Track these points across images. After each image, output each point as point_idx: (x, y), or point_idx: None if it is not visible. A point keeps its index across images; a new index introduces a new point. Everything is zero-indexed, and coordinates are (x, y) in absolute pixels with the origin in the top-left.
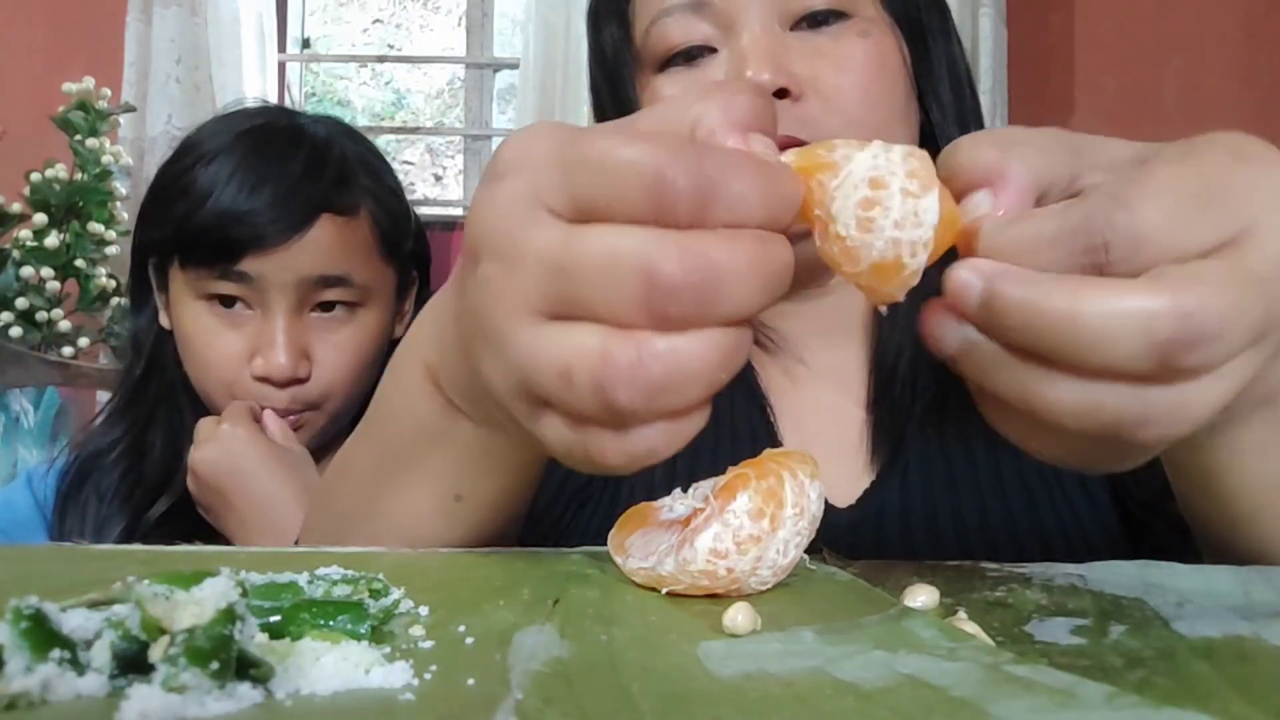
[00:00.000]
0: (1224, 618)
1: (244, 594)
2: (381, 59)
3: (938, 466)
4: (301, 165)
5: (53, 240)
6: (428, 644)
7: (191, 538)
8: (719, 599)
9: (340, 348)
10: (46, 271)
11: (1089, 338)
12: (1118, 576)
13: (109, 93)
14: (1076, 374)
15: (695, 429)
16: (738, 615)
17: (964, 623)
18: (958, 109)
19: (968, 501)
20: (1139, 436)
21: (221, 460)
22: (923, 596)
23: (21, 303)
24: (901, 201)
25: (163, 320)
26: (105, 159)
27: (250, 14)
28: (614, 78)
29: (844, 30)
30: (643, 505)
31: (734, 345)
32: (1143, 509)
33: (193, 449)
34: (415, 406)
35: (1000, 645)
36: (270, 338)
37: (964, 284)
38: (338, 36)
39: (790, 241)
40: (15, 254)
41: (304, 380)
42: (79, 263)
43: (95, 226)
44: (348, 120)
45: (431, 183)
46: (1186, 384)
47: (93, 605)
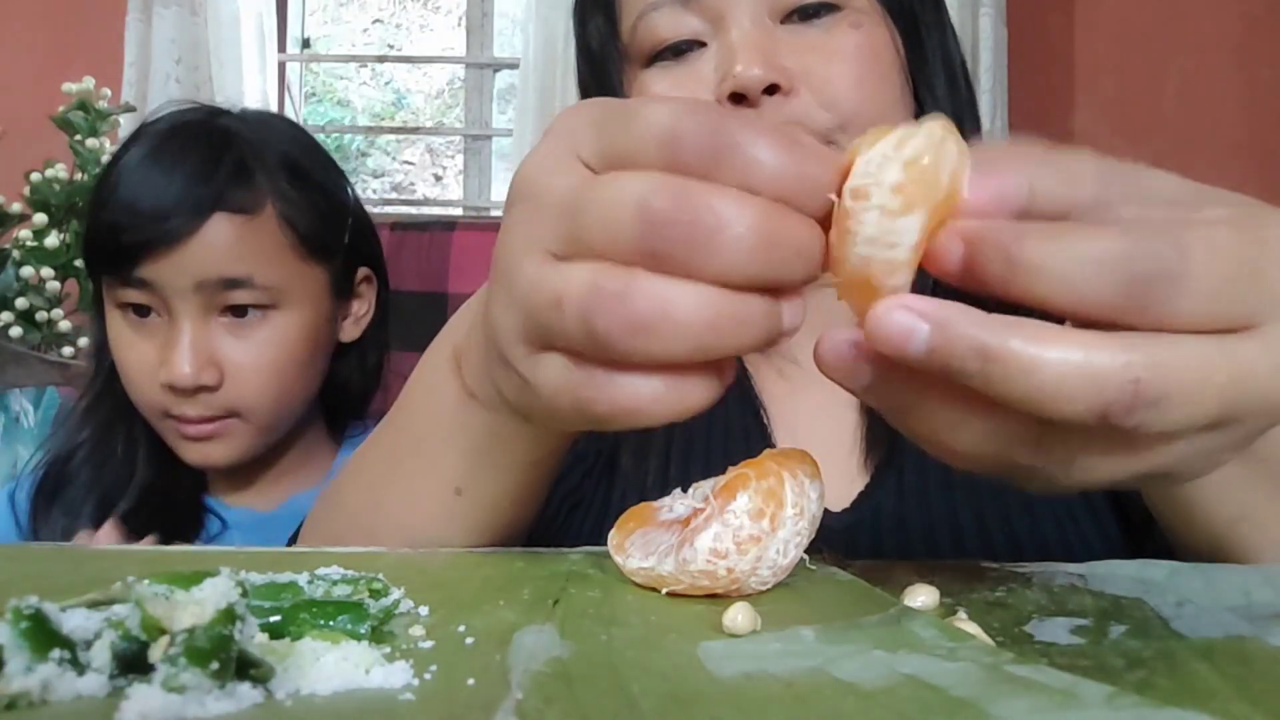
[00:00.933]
0: (1224, 618)
1: (244, 594)
2: (381, 59)
3: (933, 469)
4: (195, 165)
5: (53, 240)
6: (428, 644)
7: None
8: (719, 599)
9: (254, 353)
10: (46, 271)
11: (1048, 386)
12: (1118, 576)
13: (109, 93)
14: (987, 417)
15: (689, 400)
16: (738, 615)
17: (964, 623)
18: (952, 101)
19: (964, 505)
20: (1033, 487)
21: None
22: (923, 596)
23: (21, 303)
24: (877, 219)
25: None
26: (105, 159)
27: (250, 14)
28: (600, 73)
29: (835, 22)
30: (642, 505)
31: (728, 310)
32: (1143, 515)
33: None
34: (434, 393)
35: (1000, 645)
36: (173, 345)
37: (906, 329)
38: (338, 36)
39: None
40: (15, 254)
41: (213, 388)
42: (79, 263)
43: None
44: (347, 121)
45: (431, 183)
46: (1159, 454)
47: (93, 605)
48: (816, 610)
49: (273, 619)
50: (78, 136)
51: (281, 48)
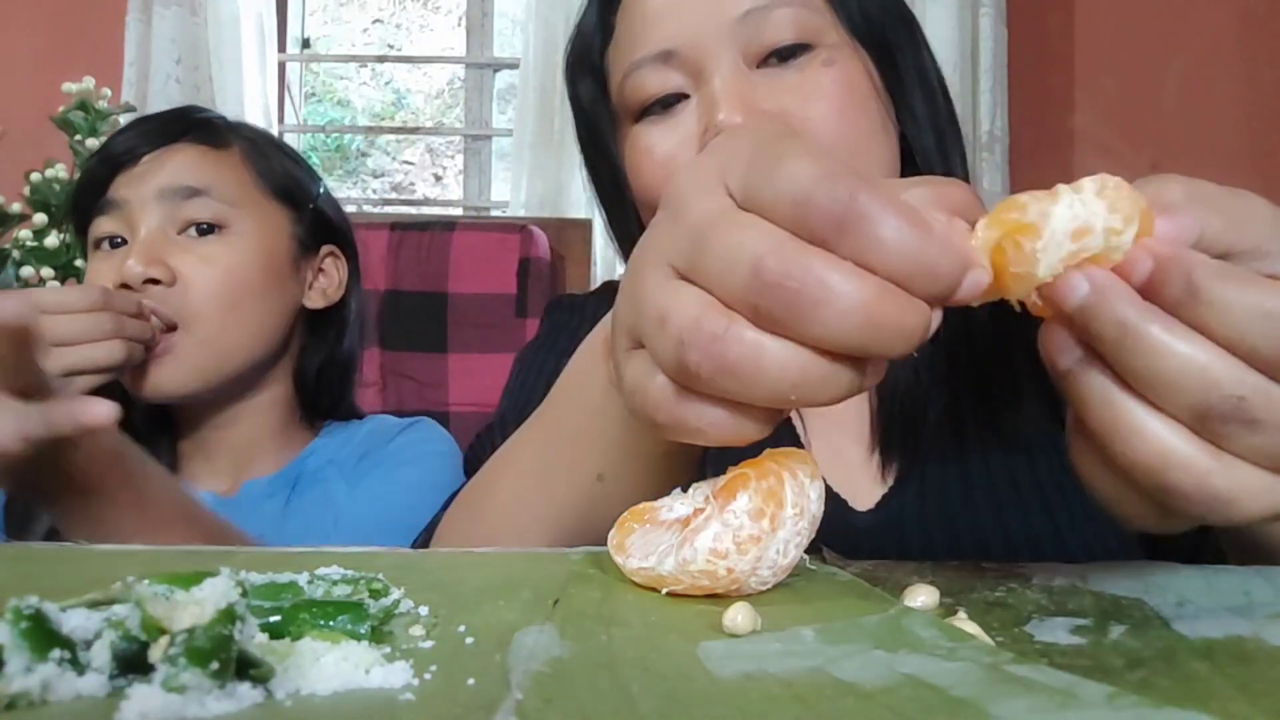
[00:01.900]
0: (1224, 618)
1: (244, 594)
2: (381, 59)
3: (954, 473)
4: (169, 115)
5: (53, 240)
6: (428, 644)
7: None
8: (719, 599)
9: (208, 260)
10: (46, 271)
11: (1169, 372)
12: (1118, 576)
13: (109, 93)
14: (1162, 417)
15: (745, 433)
16: (738, 615)
17: (964, 623)
18: (932, 118)
19: (985, 508)
20: (1188, 508)
21: None
22: (923, 596)
23: None
24: (1104, 239)
25: None
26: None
27: (250, 14)
28: (593, 131)
29: (809, 61)
30: (643, 505)
31: (815, 372)
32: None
33: None
34: (585, 381)
35: (1000, 645)
36: (130, 251)
37: (1072, 284)
38: (338, 36)
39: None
40: (15, 254)
41: (164, 285)
42: (79, 263)
43: None
44: (347, 121)
45: (431, 183)
46: (1238, 471)
47: (93, 605)
48: (816, 610)
49: (273, 619)
50: (78, 136)
51: (281, 48)
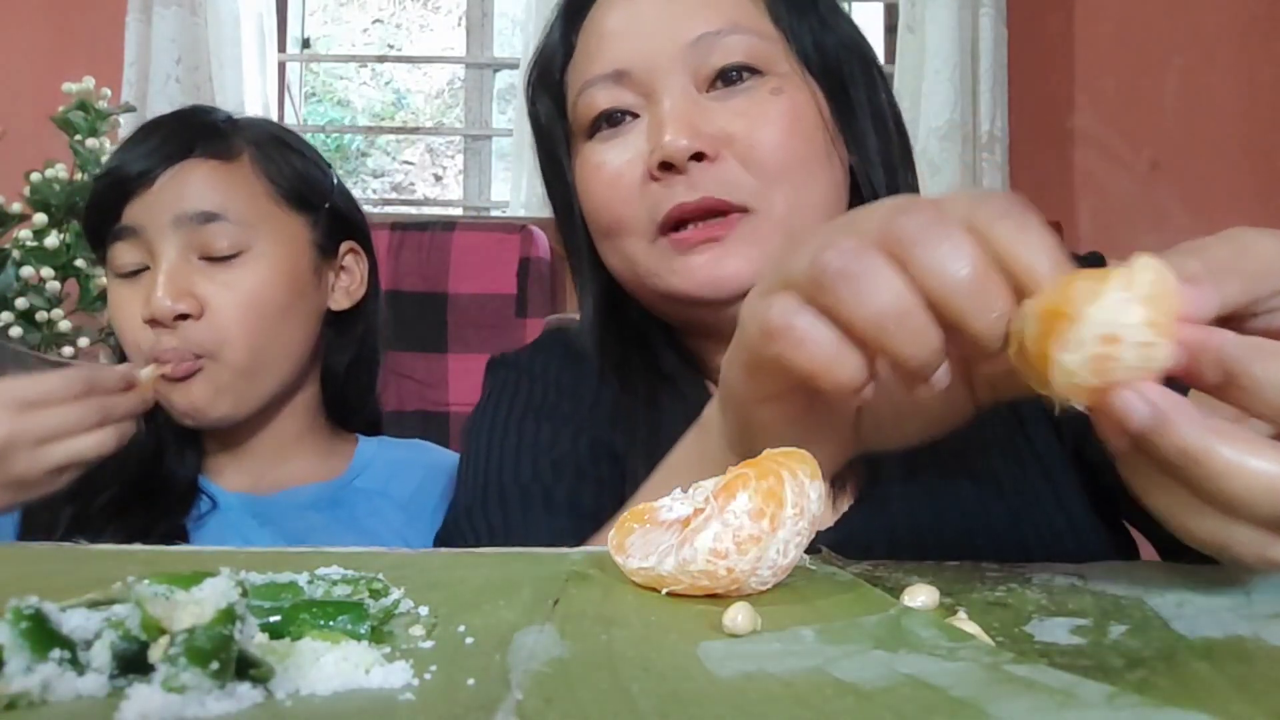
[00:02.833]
0: (1224, 618)
1: (244, 594)
2: (381, 59)
3: (915, 491)
4: (171, 125)
5: (53, 240)
6: (428, 644)
7: (139, 530)
8: (719, 599)
9: (232, 286)
10: (46, 271)
11: (1238, 493)
12: (1118, 576)
13: (109, 93)
14: (1217, 510)
15: (840, 363)
16: (738, 615)
17: (964, 623)
18: (883, 152)
19: (949, 525)
20: (1258, 568)
21: None
22: (923, 596)
23: (21, 303)
24: (1135, 351)
25: None
26: (105, 159)
27: (250, 14)
28: (549, 146)
29: (757, 87)
30: (643, 505)
31: (913, 322)
32: (1140, 518)
33: None
34: (705, 445)
35: (1000, 645)
36: (153, 283)
37: (1132, 405)
38: (338, 36)
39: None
40: (15, 254)
41: (193, 318)
42: (79, 263)
43: None
44: (347, 121)
45: (431, 183)
46: None
47: (93, 605)
48: (816, 610)
49: (273, 619)
50: (78, 136)
51: (281, 48)
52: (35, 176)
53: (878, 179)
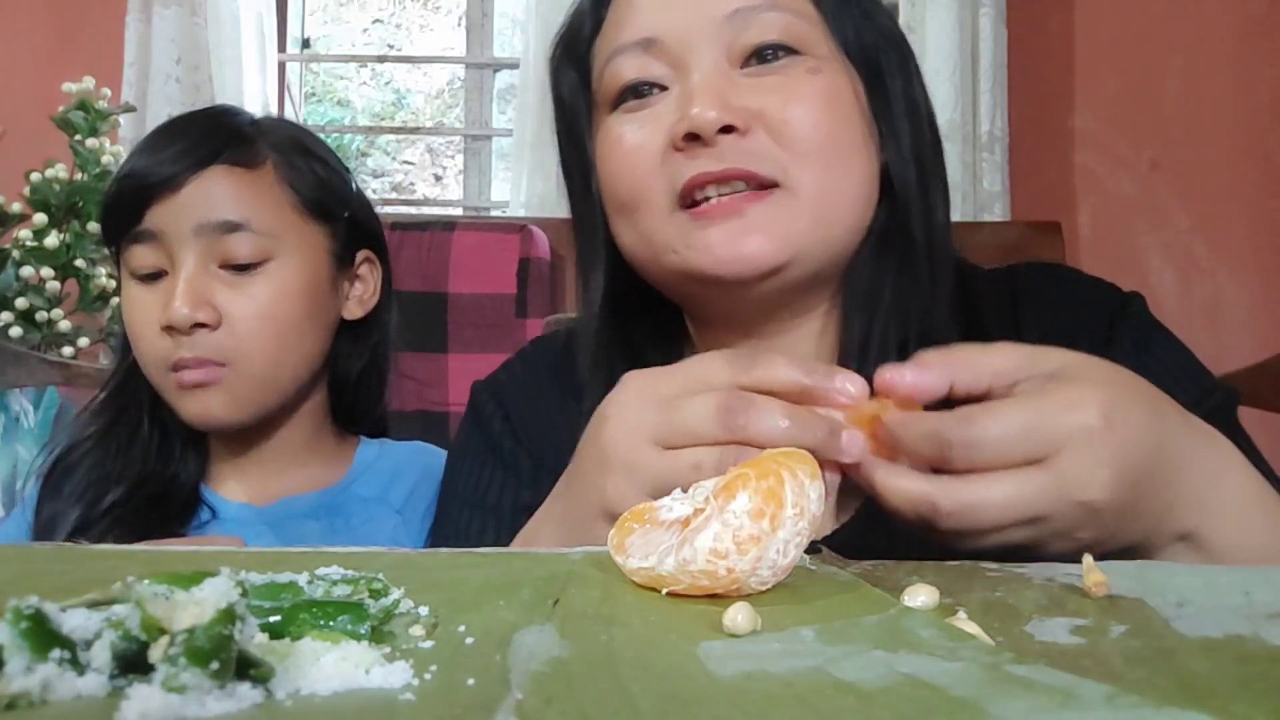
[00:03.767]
0: (1224, 618)
1: (244, 594)
2: (381, 59)
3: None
4: (197, 130)
5: (53, 240)
6: (428, 644)
7: (139, 537)
8: (719, 599)
9: (251, 297)
10: (46, 271)
11: (890, 503)
12: (1118, 576)
13: (109, 93)
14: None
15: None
16: (738, 615)
17: (964, 623)
18: (915, 147)
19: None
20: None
21: None
22: (923, 596)
23: (21, 303)
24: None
25: None
26: (105, 159)
27: (250, 14)
28: (570, 122)
29: (793, 65)
30: (643, 505)
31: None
32: None
33: None
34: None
35: (1000, 645)
36: (173, 289)
37: (844, 450)
38: (338, 36)
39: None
40: (15, 254)
41: (210, 327)
42: (79, 263)
43: (95, 226)
44: (347, 121)
45: (431, 183)
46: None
47: (93, 605)
48: (816, 610)
49: (273, 619)
50: (78, 136)
51: (281, 48)
52: (35, 176)
53: (909, 175)
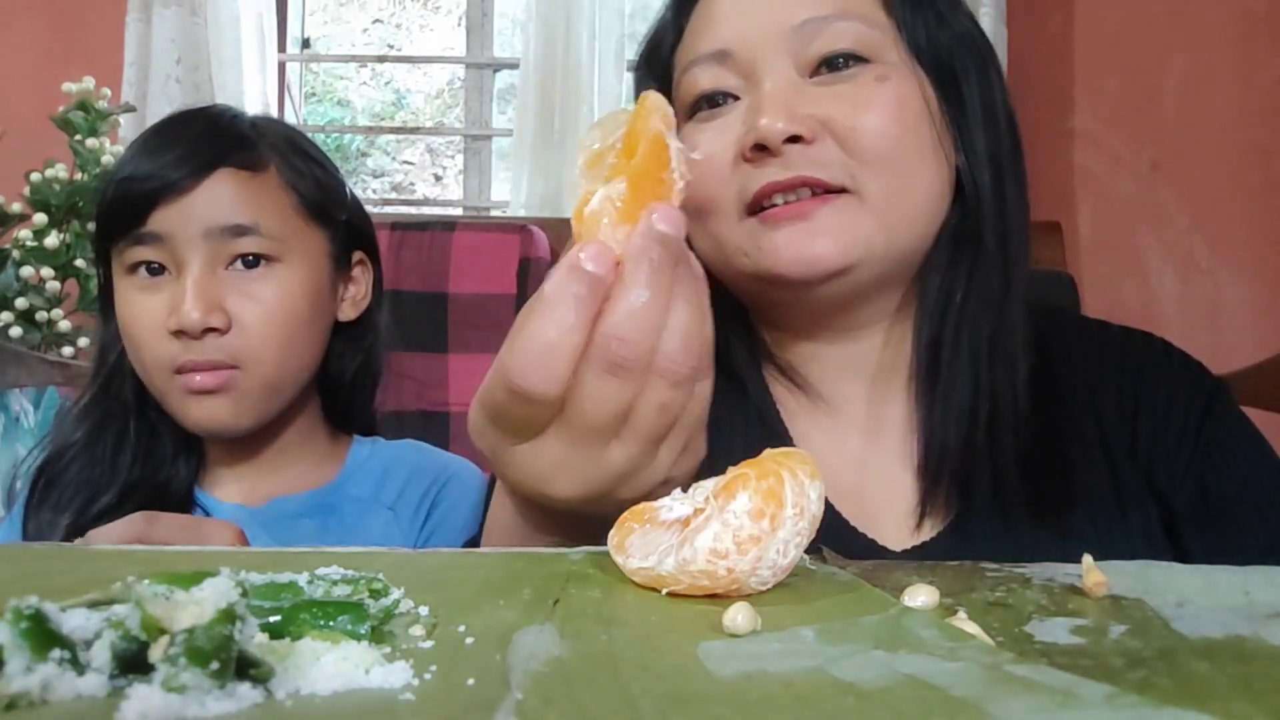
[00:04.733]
0: (1224, 618)
1: (244, 594)
2: (381, 59)
3: (1002, 535)
4: (200, 131)
5: (53, 240)
6: (428, 644)
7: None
8: (719, 599)
9: (260, 300)
10: (46, 271)
11: None
12: (1118, 576)
13: (109, 93)
14: None
15: None
16: (738, 615)
17: (964, 623)
18: (992, 153)
19: None
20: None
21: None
22: (923, 596)
23: (21, 303)
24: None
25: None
26: (105, 159)
27: (250, 14)
28: None
29: (862, 73)
30: (642, 505)
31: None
32: None
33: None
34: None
35: (1000, 645)
36: (182, 293)
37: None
38: (338, 36)
39: None
40: (15, 254)
41: (221, 331)
42: (79, 263)
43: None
44: (347, 121)
45: (431, 183)
46: None
47: (93, 605)
48: (816, 610)
49: (273, 619)
50: (78, 136)
51: (281, 48)
52: (35, 176)
53: (983, 180)
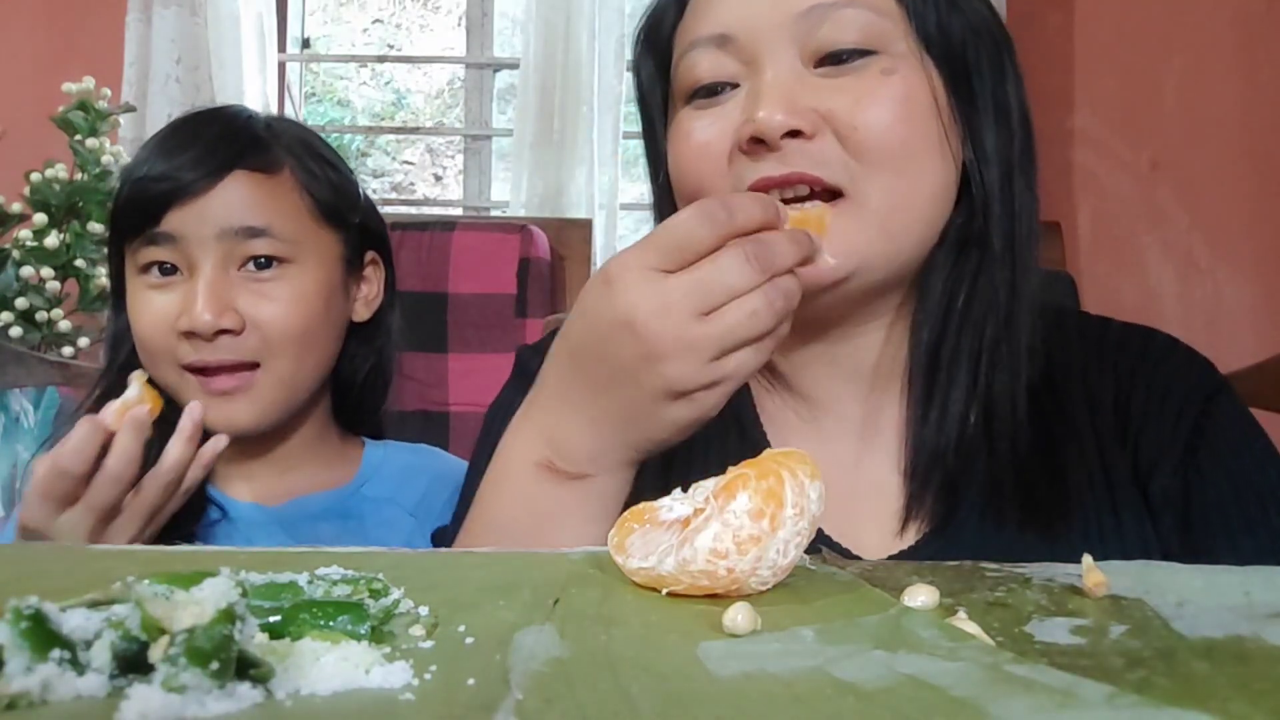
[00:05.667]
0: (1224, 618)
1: (244, 594)
2: (381, 59)
3: (992, 537)
4: (215, 133)
5: (53, 240)
6: (428, 644)
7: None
8: (719, 599)
9: (273, 300)
10: (46, 271)
11: None
12: (1118, 576)
13: (109, 93)
14: None
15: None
16: (738, 615)
17: (964, 623)
18: (1002, 150)
19: None
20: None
21: None
22: (923, 596)
23: (21, 303)
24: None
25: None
26: (105, 159)
27: (250, 14)
28: (645, 110)
29: (867, 66)
30: (643, 505)
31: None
32: None
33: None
34: (534, 503)
35: (1000, 645)
36: (194, 294)
37: None
38: (338, 36)
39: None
40: (15, 254)
41: (235, 333)
42: (79, 263)
43: (95, 226)
44: (347, 121)
45: (431, 183)
46: None
47: (93, 605)
48: (816, 610)
49: (273, 619)
50: (78, 136)
51: (281, 48)
52: (35, 176)
53: (991, 178)
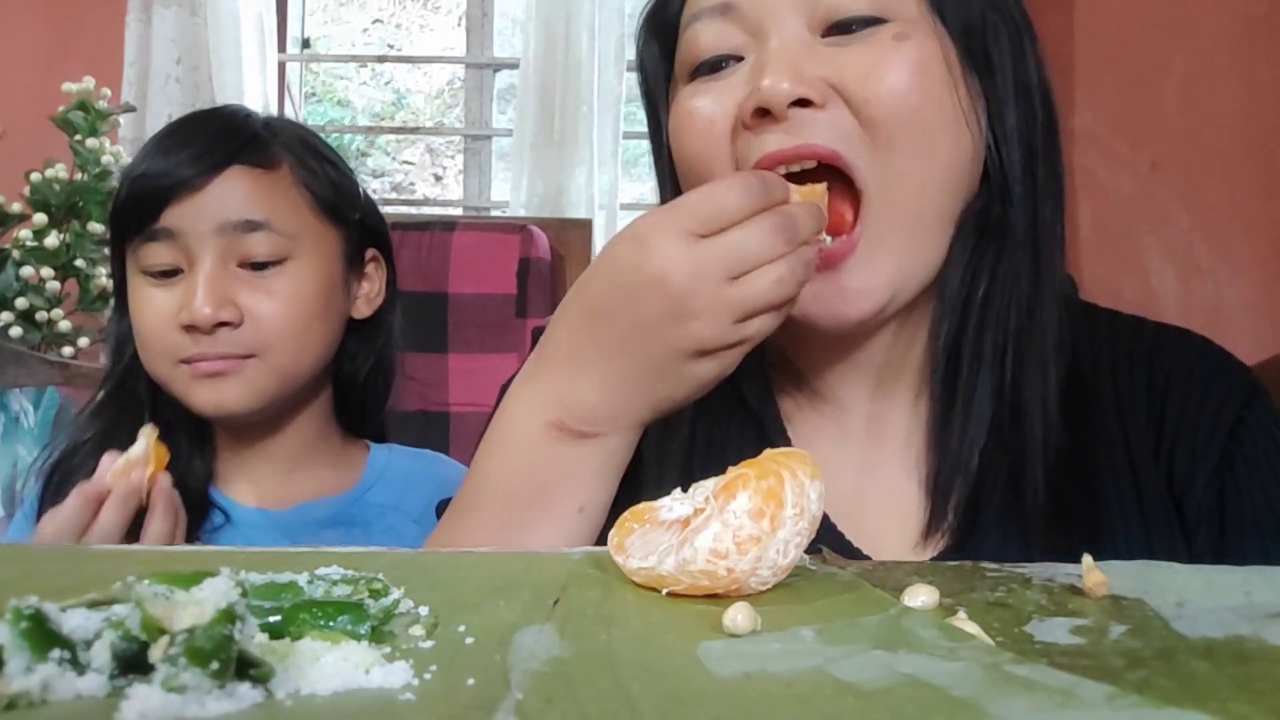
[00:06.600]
0: (1224, 618)
1: (244, 594)
2: (381, 59)
3: (1013, 551)
4: (213, 131)
5: (53, 240)
6: (428, 644)
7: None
8: (719, 599)
9: (273, 294)
10: (46, 271)
11: None
12: (1118, 576)
13: (109, 93)
14: None
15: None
16: (738, 615)
17: (964, 623)
18: (1024, 130)
19: None
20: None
21: None
22: (923, 596)
23: (21, 303)
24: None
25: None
26: (105, 159)
27: (250, 14)
28: (650, 94)
29: (878, 33)
30: (643, 505)
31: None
32: None
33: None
34: (539, 463)
35: (1000, 645)
36: (193, 288)
37: None
38: (338, 36)
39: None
40: (15, 254)
41: (234, 325)
42: (79, 263)
43: (95, 226)
44: (347, 121)
45: (431, 183)
46: None
47: (93, 605)
48: (816, 610)
49: (273, 619)
50: (78, 136)
51: (281, 48)
52: (35, 176)
53: (1012, 159)
